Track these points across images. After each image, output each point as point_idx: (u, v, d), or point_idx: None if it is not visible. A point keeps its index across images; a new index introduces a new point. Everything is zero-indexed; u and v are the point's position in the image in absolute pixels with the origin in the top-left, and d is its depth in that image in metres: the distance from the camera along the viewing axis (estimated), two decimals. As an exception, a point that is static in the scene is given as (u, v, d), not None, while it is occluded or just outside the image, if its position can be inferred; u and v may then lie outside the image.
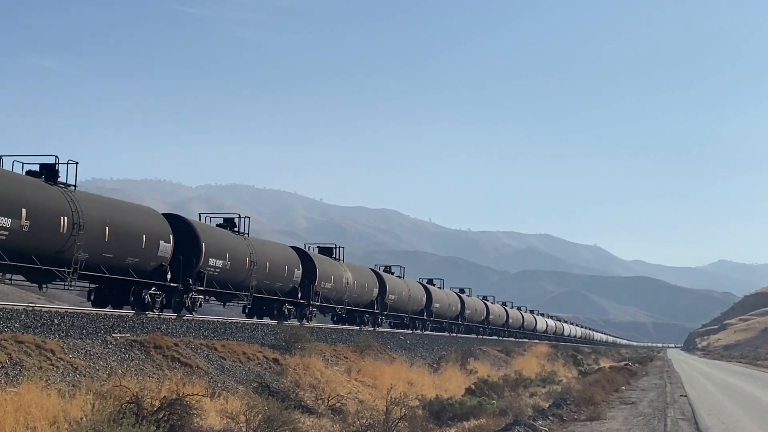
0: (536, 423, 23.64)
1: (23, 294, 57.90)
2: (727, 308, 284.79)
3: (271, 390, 26.03)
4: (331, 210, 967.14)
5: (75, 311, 25.66)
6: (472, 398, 32.05)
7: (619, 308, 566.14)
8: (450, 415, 29.27)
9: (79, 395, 17.66)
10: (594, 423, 25.25)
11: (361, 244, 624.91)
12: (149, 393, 17.87)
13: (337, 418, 26.04)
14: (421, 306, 60.83)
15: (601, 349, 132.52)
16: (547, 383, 46.78)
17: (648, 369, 73.38)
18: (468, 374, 44.16)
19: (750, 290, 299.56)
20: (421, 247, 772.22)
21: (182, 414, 17.88)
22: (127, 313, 28.28)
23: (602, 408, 29.99)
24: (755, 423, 25.45)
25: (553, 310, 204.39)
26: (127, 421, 15.82)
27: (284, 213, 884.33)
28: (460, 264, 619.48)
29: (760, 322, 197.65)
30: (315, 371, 30.07)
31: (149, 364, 23.49)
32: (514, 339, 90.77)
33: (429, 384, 36.95)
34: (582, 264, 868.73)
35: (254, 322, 35.63)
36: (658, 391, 40.36)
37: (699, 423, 25.12)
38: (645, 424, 24.74)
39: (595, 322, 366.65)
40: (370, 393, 31.21)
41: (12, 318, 22.10)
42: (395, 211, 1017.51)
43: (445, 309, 67.07)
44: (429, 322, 62.81)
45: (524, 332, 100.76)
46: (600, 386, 38.04)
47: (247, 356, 28.54)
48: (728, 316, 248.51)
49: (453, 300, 70.56)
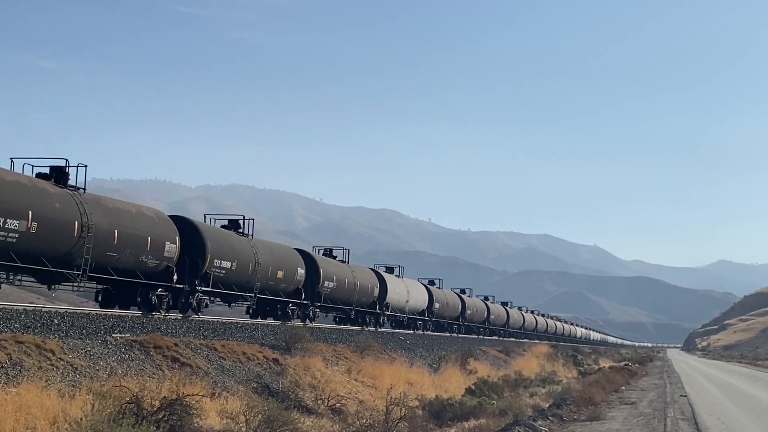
0: (536, 423, 23.63)
1: (23, 294, 57.92)
2: (727, 308, 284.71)
3: (271, 390, 26.04)
4: (331, 210, 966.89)
5: (75, 311, 25.66)
6: (472, 398, 32.06)
7: (619, 308, 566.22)
8: (450, 415, 29.27)
9: (79, 395, 17.65)
10: (594, 423, 25.24)
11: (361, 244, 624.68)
12: (149, 393, 17.87)
13: (337, 418, 26.05)
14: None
15: (601, 349, 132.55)
16: (547, 383, 46.80)
17: (648, 369, 73.38)
18: (468, 374, 44.16)
19: (750, 290, 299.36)
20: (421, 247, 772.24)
21: (182, 414, 17.87)
22: (127, 313, 28.28)
23: (602, 408, 29.98)
24: (755, 423, 25.44)
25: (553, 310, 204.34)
26: (127, 421, 15.83)
27: (284, 213, 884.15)
28: (460, 264, 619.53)
29: (760, 322, 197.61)
30: (315, 371, 30.06)
31: (149, 364, 23.49)
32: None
33: (429, 384, 36.96)
34: (582, 264, 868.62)
35: (254, 323, 35.63)
36: (658, 391, 40.35)
37: (699, 423, 25.11)
38: (645, 425, 24.73)
39: (595, 322, 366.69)
40: (370, 393, 31.22)
41: (12, 318, 22.10)
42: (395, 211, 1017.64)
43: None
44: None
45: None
46: (600, 386, 38.04)
47: (247, 356, 28.53)
48: (728, 316, 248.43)
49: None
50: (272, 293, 38.13)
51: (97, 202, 27.51)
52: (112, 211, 27.98)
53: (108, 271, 27.59)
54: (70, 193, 26.19)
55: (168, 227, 30.82)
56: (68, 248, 25.47)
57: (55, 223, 24.82)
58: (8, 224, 23.12)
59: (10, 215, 23.19)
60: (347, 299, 46.53)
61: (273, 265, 37.61)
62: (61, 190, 25.99)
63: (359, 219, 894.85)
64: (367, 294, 49.26)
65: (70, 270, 25.85)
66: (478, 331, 78.58)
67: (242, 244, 35.88)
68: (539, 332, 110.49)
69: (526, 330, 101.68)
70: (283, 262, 39.07)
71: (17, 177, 24.76)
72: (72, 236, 25.43)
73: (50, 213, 24.66)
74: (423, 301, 60.31)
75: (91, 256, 26.03)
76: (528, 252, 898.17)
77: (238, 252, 34.76)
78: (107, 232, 26.95)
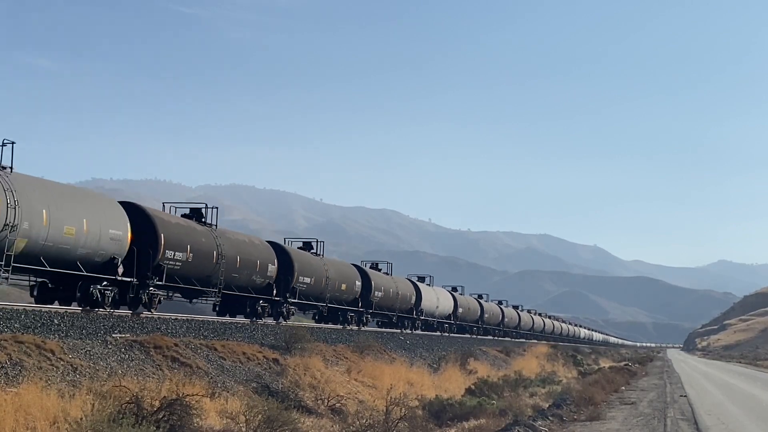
0: (536, 423, 23.63)
1: (23, 294, 57.88)
2: (727, 308, 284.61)
3: (271, 390, 26.04)
4: (331, 210, 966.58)
5: (75, 311, 25.66)
6: (471, 398, 32.05)
7: (619, 308, 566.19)
8: (450, 415, 29.26)
9: (79, 395, 17.65)
10: (594, 423, 25.24)
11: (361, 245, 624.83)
12: (149, 393, 17.86)
13: (337, 418, 26.05)
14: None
15: (601, 349, 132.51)
16: (546, 383, 46.78)
17: (648, 369, 73.37)
18: (468, 374, 44.14)
19: (750, 290, 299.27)
20: (421, 247, 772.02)
21: (182, 414, 17.86)
22: (127, 313, 28.26)
23: (602, 408, 29.97)
24: (755, 423, 25.44)
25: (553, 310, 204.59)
26: (127, 421, 15.82)
27: (284, 213, 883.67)
28: (460, 264, 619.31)
29: (760, 322, 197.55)
30: (315, 371, 30.04)
31: (149, 364, 23.48)
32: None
33: (429, 384, 36.94)
34: (582, 264, 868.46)
35: (254, 323, 35.63)
36: (658, 392, 40.35)
37: (699, 423, 25.11)
38: (645, 425, 24.73)
39: (595, 322, 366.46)
40: (370, 393, 31.20)
41: (12, 318, 22.10)
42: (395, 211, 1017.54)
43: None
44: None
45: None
46: (600, 386, 38.05)
47: (247, 356, 28.52)
48: (728, 316, 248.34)
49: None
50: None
51: (224, 235, 35.18)
52: (234, 242, 35.74)
53: (231, 288, 35.03)
54: (208, 230, 34.13)
55: (270, 252, 38.81)
56: (209, 272, 33.15)
57: (202, 253, 32.40)
58: (176, 256, 30.68)
59: (178, 249, 30.73)
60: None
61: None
62: (202, 227, 33.93)
63: (359, 219, 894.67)
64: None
65: (208, 288, 33.58)
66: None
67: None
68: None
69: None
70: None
71: (178, 220, 32.85)
72: (212, 262, 33.11)
73: (199, 246, 32.27)
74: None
75: (223, 277, 33.69)
76: (528, 252, 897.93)
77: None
78: (233, 258, 34.61)
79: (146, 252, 29.06)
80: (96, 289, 27.12)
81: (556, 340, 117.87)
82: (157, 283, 29.98)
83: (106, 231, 27.26)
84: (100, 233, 26.87)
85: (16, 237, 23.39)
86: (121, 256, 28.03)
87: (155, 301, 30.48)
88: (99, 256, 27.10)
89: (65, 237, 25.42)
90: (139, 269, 28.76)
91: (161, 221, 30.76)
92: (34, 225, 24.13)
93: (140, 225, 29.26)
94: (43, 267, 25.12)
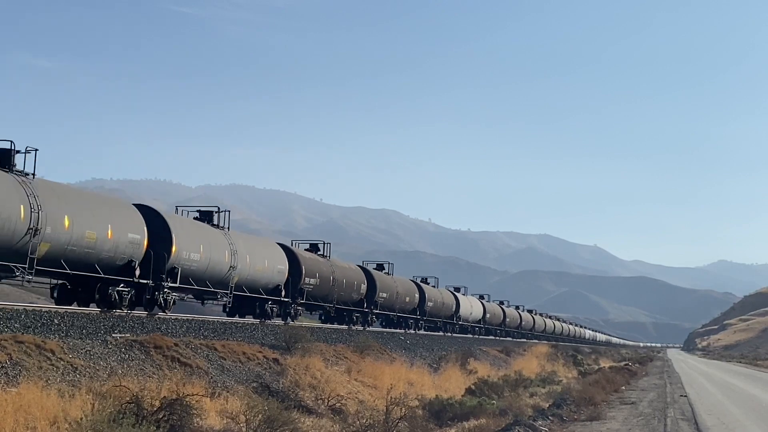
0: (536, 423, 23.61)
1: (23, 294, 57.93)
2: (727, 308, 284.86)
3: (271, 390, 26.02)
4: (330, 210, 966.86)
5: (75, 311, 25.66)
6: (472, 398, 32.01)
7: (619, 308, 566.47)
8: (450, 415, 29.24)
9: (79, 395, 17.64)
10: (594, 423, 25.23)
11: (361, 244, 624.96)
12: (149, 393, 17.84)
13: (337, 418, 26.03)
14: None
15: (601, 349, 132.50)
16: (547, 383, 46.76)
17: (648, 369, 73.35)
18: (468, 374, 44.11)
19: (750, 290, 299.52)
20: (421, 247, 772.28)
21: (182, 414, 17.86)
22: (126, 313, 28.25)
23: (602, 408, 29.96)
24: (755, 423, 25.42)
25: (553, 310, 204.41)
26: (127, 421, 15.81)
27: (284, 213, 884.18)
28: (460, 264, 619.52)
29: (760, 322, 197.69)
30: (315, 371, 30.01)
31: (149, 364, 23.46)
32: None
33: (429, 384, 36.92)
34: (582, 264, 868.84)
35: (254, 323, 35.60)
36: (658, 391, 40.34)
37: (699, 423, 25.11)
38: (645, 424, 24.72)
39: (595, 322, 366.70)
40: (370, 393, 31.18)
41: (12, 318, 22.09)
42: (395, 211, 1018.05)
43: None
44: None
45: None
46: (600, 386, 38.02)
47: (247, 356, 28.49)
48: (728, 316, 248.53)
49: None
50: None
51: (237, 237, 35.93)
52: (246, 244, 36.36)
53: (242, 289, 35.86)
54: (221, 232, 34.66)
55: (280, 254, 39.64)
56: (222, 274, 33.58)
57: (216, 255, 32.99)
58: (191, 257, 31.12)
59: (192, 251, 31.11)
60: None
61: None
62: (215, 228, 34.71)
63: (359, 219, 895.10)
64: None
65: (221, 289, 34.04)
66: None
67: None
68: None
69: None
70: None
71: (192, 222, 33.70)
72: (225, 264, 33.42)
73: (212, 248, 32.73)
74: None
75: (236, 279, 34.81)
76: (528, 252, 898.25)
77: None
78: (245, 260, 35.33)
79: (161, 254, 29.76)
80: (114, 291, 28.01)
81: (557, 340, 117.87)
82: (172, 285, 30.56)
83: (125, 235, 28.12)
84: (119, 237, 27.75)
85: (39, 241, 24.12)
86: (138, 259, 28.82)
87: (170, 302, 31.05)
88: (118, 260, 27.97)
89: (87, 241, 26.22)
90: (155, 271, 29.50)
91: (176, 224, 31.43)
92: (56, 229, 24.84)
93: (156, 228, 29.92)
94: (64, 270, 25.80)
